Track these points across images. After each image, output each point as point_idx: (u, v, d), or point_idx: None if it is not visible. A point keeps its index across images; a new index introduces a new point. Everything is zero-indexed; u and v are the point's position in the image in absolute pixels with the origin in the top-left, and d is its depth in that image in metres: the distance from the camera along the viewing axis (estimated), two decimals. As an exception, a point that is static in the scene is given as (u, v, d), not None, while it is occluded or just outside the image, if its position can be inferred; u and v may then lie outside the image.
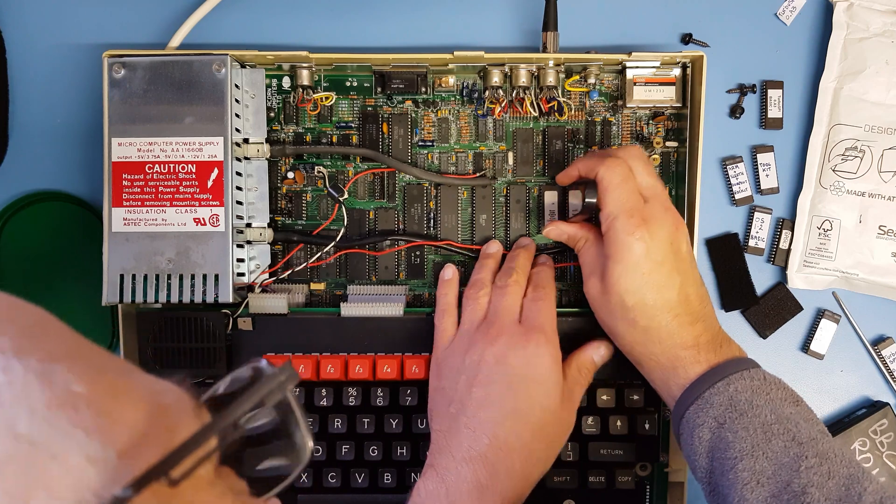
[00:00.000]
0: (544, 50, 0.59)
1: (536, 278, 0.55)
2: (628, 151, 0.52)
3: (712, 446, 0.47)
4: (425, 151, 0.61)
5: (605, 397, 0.56)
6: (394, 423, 0.56)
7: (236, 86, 0.56)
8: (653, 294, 0.49)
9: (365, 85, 0.60)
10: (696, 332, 0.50)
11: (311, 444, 0.31)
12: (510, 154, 0.60)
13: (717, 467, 0.47)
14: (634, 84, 0.59)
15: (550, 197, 0.60)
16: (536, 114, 0.60)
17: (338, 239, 0.59)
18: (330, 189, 0.60)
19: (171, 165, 0.55)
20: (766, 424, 0.46)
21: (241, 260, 0.57)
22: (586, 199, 0.52)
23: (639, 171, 0.52)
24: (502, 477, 0.46)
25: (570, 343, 0.57)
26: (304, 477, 0.57)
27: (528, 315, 0.53)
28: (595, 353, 0.54)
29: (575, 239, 0.54)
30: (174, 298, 0.54)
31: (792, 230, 0.62)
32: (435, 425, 0.51)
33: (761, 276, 0.63)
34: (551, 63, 0.58)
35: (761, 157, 0.62)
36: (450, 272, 0.57)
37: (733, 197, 0.62)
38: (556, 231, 0.55)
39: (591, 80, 0.59)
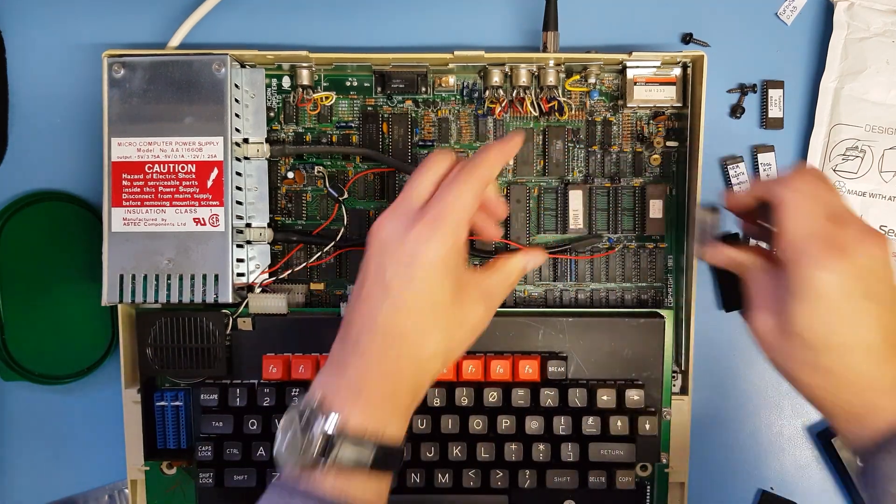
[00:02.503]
0: (544, 50, 0.59)
1: (474, 157, 0.45)
2: (810, 172, 0.45)
3: None
4: (425, 151, 0.61)
5: (605, 397, 0.56)
6: (394, 424, 0.56)
7: (236, 86, 0.56)
8: (847, 333, 0.42)
9: (365, 85, 0.60)
10: None
11: None
12: (510, 154, 0.60)
13: None
14: (635, 84, 0.59)
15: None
16: (537, 114, 0.60)
17: (338, 239, 0.59)
18: (330, 189, 0.60)
19: (171, 165, 0.55)
20: None
21: (240, 260, 0.57)
22: (764, 225, 0.47)
23: (825, 192, 0.44)
24: (392, 359, 0.42)
25: (586, 342, 0.57)
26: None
27: (434, 198, 0.44)
28: (527, 261, 0.48)
29: (743, 266, 0.47)
30: (174, 298, 0.54)
31: (792, 230, 0.62)
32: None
33: (762, 276, 0.63)
34: (551, 63, 0.58)
35: (762, 157, 0.62)
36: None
37: (734, 197, 0.62)
38: (721, 256, 0.48)
39: (592, 80, 0.59)
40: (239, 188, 0.56)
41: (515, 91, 0.59)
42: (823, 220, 0.43)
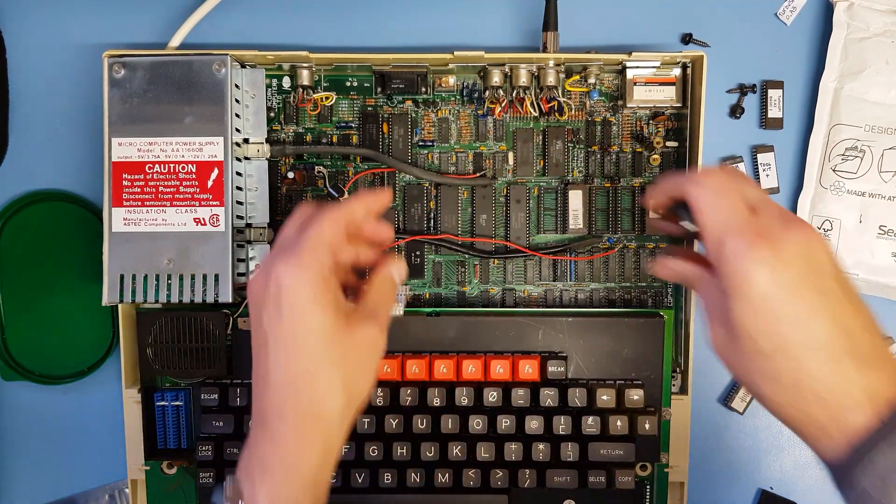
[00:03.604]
0: (544, 50, 0.59)
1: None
2: (720, 167, 0.44)
3: None
4: (425, 151, 0.61)
5: (605, 397, 0.56)
6: (394, 423, 0.56)
7: (236, 86, 0.56)
8: (795, 332, 0.37)
9: (365, 85, 0.60)
10: (866, 382, 0.37)
11: None
12: (510, 154, 0.60)
13: None
14: (634, 84, 0.59)
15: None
16: (536, 114, 0.60)
17: (338, 239, 0.59)
18: (330, 189, 0.60)
19: (171, 165, 0.55)
20: None
21: (241, 260, 0.57)
22: (684, 221, 0.44)
23: (739, 183, 0.42)
24: (290, 416, 0.39)
25: (586, 342, 0.57)
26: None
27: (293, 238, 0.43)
28: (393, 272, 0.46)
29: (689, 280, 0.44)
30: (174, 298, 0.54)
31: (792, 230, 0.62)
32: None
33: (761, 276, 0.63)
34: (551, 63, 0.58)
35: (761, 157, 0.62)
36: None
37: (733, 197, 0.62)
38: (666, 271, 0.46)
39: (592, 80, 0.59)
40: (239, 188, 0.56)
41: (515, 91, 0.59)
42: (741, 210, 0.40)
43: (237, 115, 0.56)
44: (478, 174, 0.61)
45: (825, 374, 0.37)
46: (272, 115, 0.60)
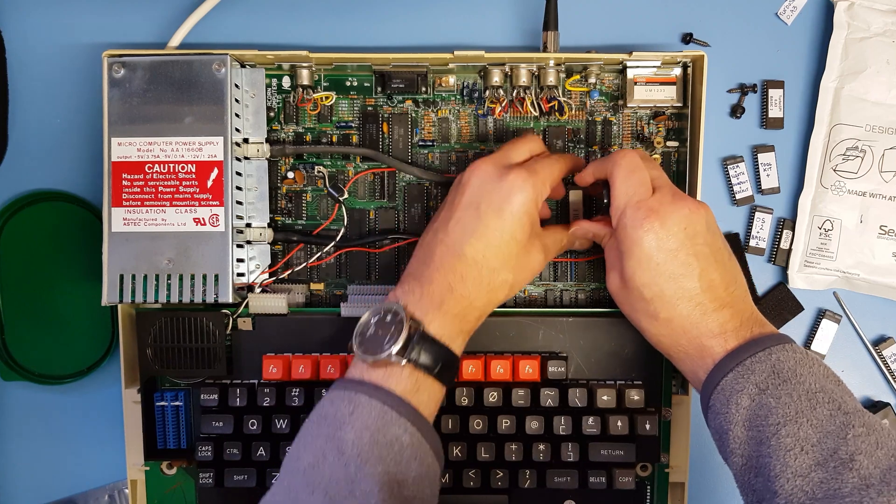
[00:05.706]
0: (545, 49, 0.59)
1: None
2: (632, 150, 0.53)
3: (751, 414, 0.46)
4: (425, 151, 0.61)
5: (605, 397, 0.56)
6: (394, 424, 0.56)
7: (236, 85, 0.56)
8: (670, 284, 0.49)
9: (365, 85, 0.60)
10: (723, 319, 0.48)
11: None
12: (510, 154, 0.60)
13: (755, 436, 0.46)
14: (635, 84, 0.59)
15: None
16: (537, 113, 0.60)
17: (338, 239, 0.59)
18: (330, 189, 0.60)
19: (171, 165, 0.55)
20: (810, 392, 0.45)
21: (240, 260, 0.57)
22: (605, 200, 0.52)
23: (645, 166, 0.52)
24: (469, 283, 0.49)
25: (586, 342, 0.57)
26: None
27: (532, 160, 0.52)
28: (576, 238, 0.56)
29: (599, 236, 0.55)
30: (174, 298, 0.54)
31: (793, 230, 0.62)
32: (420, 239, 0.53)
33: (762, 276, 0.63)
34: (552, 63, 0.58)
35: (762, 157, 0.62)
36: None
37: (734, 197, 0.62)
38: (581, 230, 0.56)
39: (592, 80, 0.59)
40: (239, 188, 0.56)
41: (515, 91, 0.59)
42: (642, 186, 0.50)
43: (237, 115, 0.56)
44: (478, 174, 0.60)
45: (690, 313, 0.49)
46: (272, 114, 0.60)
